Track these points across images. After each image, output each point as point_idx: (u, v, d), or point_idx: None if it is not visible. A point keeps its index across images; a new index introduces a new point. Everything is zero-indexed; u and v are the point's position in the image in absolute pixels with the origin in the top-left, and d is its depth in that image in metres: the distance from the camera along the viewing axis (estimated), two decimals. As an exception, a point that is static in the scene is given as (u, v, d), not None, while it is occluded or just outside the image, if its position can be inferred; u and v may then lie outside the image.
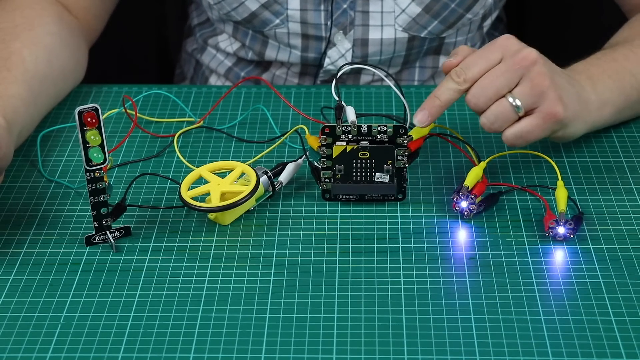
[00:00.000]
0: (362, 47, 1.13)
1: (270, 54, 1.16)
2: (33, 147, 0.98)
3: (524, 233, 0.86)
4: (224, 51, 1.21)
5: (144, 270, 0.82)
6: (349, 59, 1.14)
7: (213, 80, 1.24)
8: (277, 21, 1.11)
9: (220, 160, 0.92)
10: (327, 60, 1.14)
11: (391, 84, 0.92)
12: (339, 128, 0.87)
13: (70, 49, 1.05)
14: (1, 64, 0.95)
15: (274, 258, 0.83)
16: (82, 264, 0.83)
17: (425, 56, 1.17)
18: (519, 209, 0.89)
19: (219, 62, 1.22)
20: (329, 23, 1.11)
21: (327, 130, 0.87)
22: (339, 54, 1.14)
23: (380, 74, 0.97)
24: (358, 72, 1.17)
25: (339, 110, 0.89)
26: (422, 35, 1.12)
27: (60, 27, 1.05)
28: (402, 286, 0.80)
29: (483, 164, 0.90)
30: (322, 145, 0.88)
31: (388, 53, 1.13)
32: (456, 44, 1.16)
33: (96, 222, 0.84)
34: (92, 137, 0.80)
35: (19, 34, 0.99)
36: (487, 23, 1.20)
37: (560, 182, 0.88)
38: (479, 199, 0.87)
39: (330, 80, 1.17)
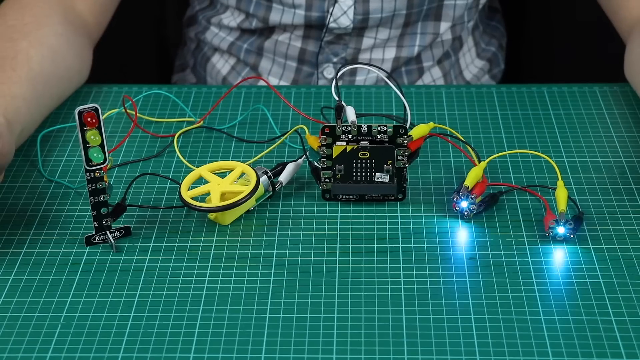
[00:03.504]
0: (364, 3, 1.14)
1: (274, 17, 1.18)
2: (33, 147, 0.98)
3: (524, 233, 0.86)
4: (227, 27, 1.24)
5: (144, 270, 0.82)
6: (351, 17, 1.15)
7: (215, 59, 1.26)
8: None
9: (220, 160, 0.92)
10: (329, 18, 1.15)
11: (391, 83, 0.92)
12: (339, 128, 0.87)
13: (76, 49, 1.06)
14: (7, 63, 0.96)
15: (274, 258, 0.83)
16: (82, 264, 0.83)
17: (425, 21, 1.18)
18: (519, 209, 0.89)
19: (221, 39, 1.24)
20: None
21: (327, 130, 0.87)
22: (341, 11, 1.15)
23: (380, 73, 0.97)
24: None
25: (339, 110, 0.89)
26: None
27: (66, 28, 1.05)
28: (402, 286, 0.80)
29: (483, 164, 0.90)
30: (322, 145, 0.88)
31: (389, 10, 1.15)
32: (456, 8, 1.18)
33: (96, 222, 0.84)
34: (92, 137, 0.80)
35: (27, 33, 1.00)
36: (484, 1, 1.22)
37: (560, 182, 0.88)
38: (479, 199, 0.87)
39: (334, 42, 1.19)
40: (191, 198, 0.86)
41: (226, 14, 1.23)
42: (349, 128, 0.87)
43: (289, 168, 0.91)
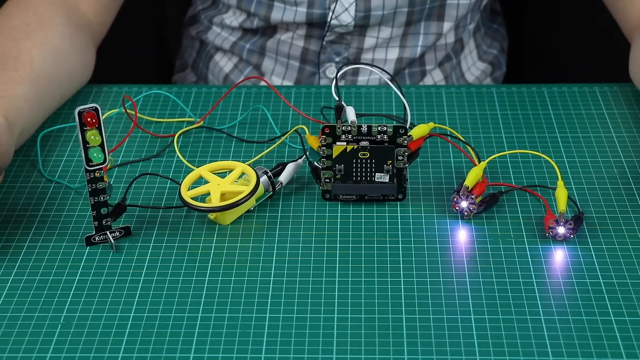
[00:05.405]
0: (365, 0, 1.14)
1: (276, 16, 1.18)
2: (33, 147, 0.98)
3: (524, 233, 0.86)
4: (229, 27, 1.24)
5: (144, 270, 0.82)
6: (352, 14, 1.15)
7: (218, 57, 1.26)
8: None
9: (220, 160, 0.92)
10: (331, 15, 1.15)
11: (391, 83, 0.92)
12: (339, 128, 0.87)
13: (79, 50, 1.06)
14: (10, 63, 0.96)
15: (274, 258, 0.83)
16: (82, 264, 0.83)
17: (428, 20, 1.18)
18: (519, 209, 0.89)
19: (223, 38, 1.24)
20: None
21: (327, 130, 0.87)
22: (343, 8, 1.15)
23: (380, 73, 0.97)
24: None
25: (339, 110, 0.89)
26: None
27: (70, 29, 1.05)
28: (402, 286, 0.80)
29: (483, 164, 0.90)
30: (322, 145, 0.88)
31: (390, 7, 1.15)
32: (459, 8, 1.17)
33: (96, 222, 0.84)
34: (92, 137, 0.80)
35: (30, 33, 1.00)
36: (486, 2, 1.22)
37: (560, 182, 0.88)
38: (479, 199, 0.87)
39: (336, 42, 1.19)
40: (191, 198, 0.86)
41: (228, 14, 1.23)
42: (349, 128, 0.87)
43: (289, 168, 0.91)
